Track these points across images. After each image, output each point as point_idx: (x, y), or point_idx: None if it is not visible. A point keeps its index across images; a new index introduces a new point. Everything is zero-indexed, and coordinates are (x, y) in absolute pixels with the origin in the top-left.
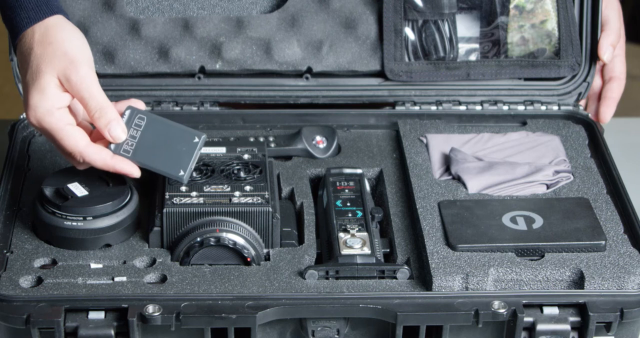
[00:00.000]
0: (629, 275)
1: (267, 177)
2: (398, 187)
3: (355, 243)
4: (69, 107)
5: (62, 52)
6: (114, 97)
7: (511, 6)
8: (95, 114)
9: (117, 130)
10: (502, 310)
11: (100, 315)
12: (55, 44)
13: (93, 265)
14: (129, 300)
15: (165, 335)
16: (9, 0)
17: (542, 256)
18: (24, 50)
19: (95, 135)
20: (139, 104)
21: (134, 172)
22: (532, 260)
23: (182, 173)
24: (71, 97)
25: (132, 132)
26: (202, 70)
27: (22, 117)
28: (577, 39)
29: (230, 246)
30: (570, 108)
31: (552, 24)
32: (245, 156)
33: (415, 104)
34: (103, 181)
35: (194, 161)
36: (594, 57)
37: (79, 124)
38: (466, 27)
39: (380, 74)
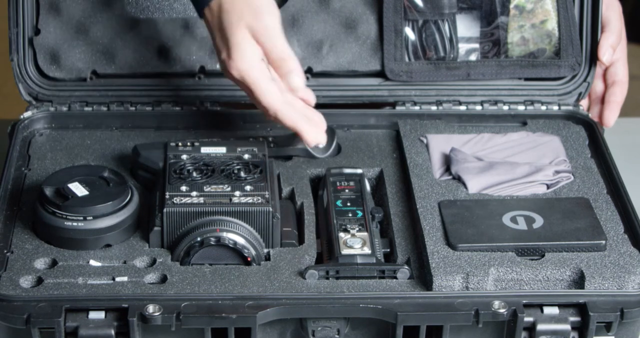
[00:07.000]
0: (629, 274)
1: (267, 177)
2: (398, 187)
3: (355, 243)
4: None
5: (247, 3)
6: (114, 97)
7: (511, 6)
8: (275, 63)
9: (296, 80)
10: (502, 310)
11: (101, 315)
12: None
13: (92, 263)
14: (129, 300)
15: (166, 335)
16: None
17: (543, 256)
18: (215, 9)
19: None
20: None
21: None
22: (532, 259)
23: None
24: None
25: None
26: (202, 70)
27: (22, 117)
28: (577, 38)
29: (231, 246)
30: (571, 108)
31: (552, 24)
32: (245, 156)
33: (415, 104)
34: (103, 181)
35: None
36: (594, 57)
37: None
38: (466, 27)
39: (381, 74)
